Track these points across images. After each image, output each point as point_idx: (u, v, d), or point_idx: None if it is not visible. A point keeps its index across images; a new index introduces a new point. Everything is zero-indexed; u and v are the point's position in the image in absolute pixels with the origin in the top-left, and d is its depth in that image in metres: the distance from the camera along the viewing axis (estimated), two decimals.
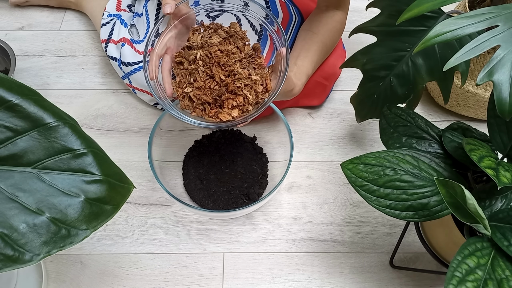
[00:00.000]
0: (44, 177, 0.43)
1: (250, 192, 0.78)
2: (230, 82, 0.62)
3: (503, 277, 0.47)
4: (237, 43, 0.66)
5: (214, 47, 0.64)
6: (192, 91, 0.63)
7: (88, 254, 0.74)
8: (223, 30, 0.67)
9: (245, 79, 0.62)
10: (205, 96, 0.62)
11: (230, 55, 0.64)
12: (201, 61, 0.63)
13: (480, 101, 0.86)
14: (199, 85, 0.62)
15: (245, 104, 0.63)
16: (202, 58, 0.63)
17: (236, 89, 0.62)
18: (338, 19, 0.82)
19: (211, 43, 0.65)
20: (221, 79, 0.62)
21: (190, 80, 0.64)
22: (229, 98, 0.62)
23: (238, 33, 0.67)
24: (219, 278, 0.73)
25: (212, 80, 0.63)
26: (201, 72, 0.63)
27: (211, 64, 0.63)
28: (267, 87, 0.65)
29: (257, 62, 0.66)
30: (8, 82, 0.44)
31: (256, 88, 0.64)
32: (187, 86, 0.64)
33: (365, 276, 0.73)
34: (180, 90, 0.64)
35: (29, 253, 0.41)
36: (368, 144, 0.89)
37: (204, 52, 0.63)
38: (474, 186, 0.60)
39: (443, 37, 0.49)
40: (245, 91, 0.62)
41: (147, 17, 0.92)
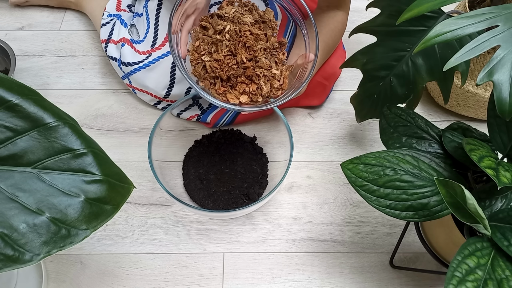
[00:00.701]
0: (44, 177, 0.43)
1: (250, 192, 0.78)
2: (250, 67, 0.60)
3: (503, 277, 0.47)
4: (266, 31, 0.64)
5: (245, 26, 0.61)
6: (209, 61, 0.60)
7: (88, 254, 0.74)
8: (258, 13, 0.64)
9: (265, 70, 0.61)
10: (221, 71, 0.60)
11: (258, 40, 0.62)
12: (228, 34, 0.60)
13: (480, 101, 0.86)
14: (219, 58, 0.60)
15: (256, 94, 0.61)
16: (230, 32, 0.61)
17: (254, 75, 0.60)
18: (339, 19, 0.82)
19: (243, 21, 0.62)
20: (242, 61, 0.60)
21: (210, 49, 0.61)
22: (243, 82, 0.60)
23: (270, 22, 0.65)
24: (219, 278, 0.73)
25: (233, 58, 0.60)
26: (225, 46, 0.60)
27: (237, 42, 0.60)
28: (283, 85, 0.64)
29: (279, 57, 0.65)
30: (8, 82, 0.44)
31: (272, 82, 0.62)
32: (205, 54, 0.61)
33: (365, 276, 0.73)
34: (196, 55, 0.62)
35: (29, 253, 0.41)
36: (368, 144, 0.89)
37: (234, 27, 0.61)
38: (474, 186, 0.60)
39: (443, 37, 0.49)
40: (262, 81, 0.60)
41: (147, 17, 0.92)
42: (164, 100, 0.89)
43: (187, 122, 0.89)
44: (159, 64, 0.85)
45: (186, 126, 0.89)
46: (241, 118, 0.87)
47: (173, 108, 0.79)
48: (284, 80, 0.63)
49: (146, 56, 0.87)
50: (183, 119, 0.89)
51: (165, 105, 0.90)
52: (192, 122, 0.89)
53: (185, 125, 0.89)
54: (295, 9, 0.66)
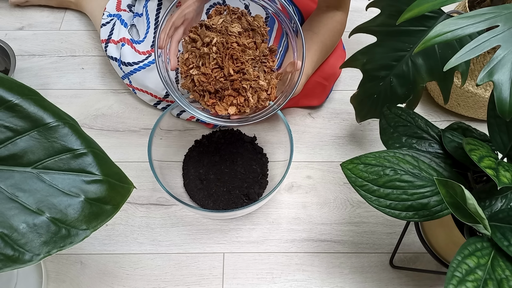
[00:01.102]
0: (44, 177, 0.43)
1: (250, 192, 0.78)
2: (237, 79, 0.60)
3: (503, 277, 0.47)
4: (256, 38, 0.64)
5: (232, 37, 0.62)
6: (197, 75, 0.61)
7: (88, 254, 0.74)
8: (246, 21, 0.65)
9: (252, 81, 0.61)
10: (208, 85, 0.61)
11: (245, 51, 0.62)
12: (215, 47, 0.61)
13: (480, 101, 0.86)
14: (206, 72, 0.61)
15: (244, 106, 0.62)
16: (217, 44, 0.61)
17: (240, 88, 0.61)
18: (339, 20, 0.82)
19: (231, 31, 0.62)
20: (229, 73, 0.60)
21: (198, 62, 0.62)
22: (230, 95, 0.61)
23: (260, 28, 0.65)
24: (219, 278, 0.73)
25: (220, 71, 0.61)
26: (212, 59, 0.61)
27: (224, 54, 0.61)
28: (271, 95, 0.64)
29: (268, 64, 0.65)
30: (8, 82, 0.44)
31: (259, 94, 0.63)
32: (193, 68, 0.62)
33: (365, 276, 0.73)
34: (185, 68, 0.63)
35: (29, 253, 0.41)
36: (368, 144, 0.89)
37: (221, 39, 0.61)
38: (474, 186, 0.60)
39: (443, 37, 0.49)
40: (249, 93, 0.61)
41: (147, 17, 0.92)
42: (164, 100, 0.89)
43: (187, 122, 0.89)
44: None
45: (186, 126, 0.89)
46: None
47: (173, 108, 0.79)
48: (272, 90, 0.64)
49: (146, 56, 0.87)
50: (183, 119, 0.89)
51: (165, 105, 0.90)
52: (192, 122, 0.89)
53: (185, 125, 0.89)
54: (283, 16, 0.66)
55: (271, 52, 0.66)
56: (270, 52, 0.66)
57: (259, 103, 0.63)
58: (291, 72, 0.66)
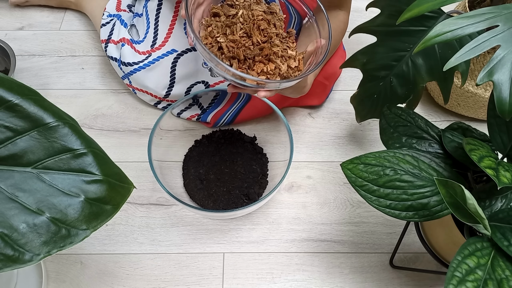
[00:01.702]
0: (44, 177, 0.43)
1: (250, 192, 0.78)
2: (266, 47, 0.60)
3: (503, 277, 0.47)
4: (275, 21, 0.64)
5: (257, 11, 0.61)
6: (225, 42, 0.60)
7: (88, 254, 0.74)
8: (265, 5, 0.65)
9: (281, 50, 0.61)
10: (238, 50, 0.59)
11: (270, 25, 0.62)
12: (242, 18, 0.61)
13: (480, 101, 0.86)
14: (235, 38, 0.60)
15: (274, 74, 0.60)
16: (243, 15, 0.61)
17: (271, 54, 0.60)
18: (341, 19, 0.82)
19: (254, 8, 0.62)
20: (257, 42, 0.60)
21: (225, 31, 0.61)
22: (261, 62, 0.60)
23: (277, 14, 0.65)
24: (219, 278, 0.73)
25: (248, 39, 0.60)
26: (239, 28, 0.60)
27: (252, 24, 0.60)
28: (299, 66, 0.63)
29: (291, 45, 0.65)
30: (8, 82, 0.44)
31: (289, 62, 0.61)
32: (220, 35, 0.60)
33: (365, 276, 0.73)
34: (210, 39, 0.61)
35: (29, 253, 0.41)
36: (368, 144, 0.89)
37: (246, 12, 0.61)
38: (474, 186, 0.60)
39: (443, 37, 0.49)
40: (279, 61, 0.60)
41: (147, 17, 0.92)
42: (164, 100, 0.89)
43: (187, 122, 0.89)
44: (159, 64, 0.85)
45: (186, 126, 0.89)
46: (241, 118, 0.87)
47: (173, 108, 0.79)
48: (299, 62, 0.63)
49: (146, 56, 0.87)
50: (183, 119, 0.89)
51: (165, 105, 0.90)
52: (192, 122, 0.89)
53: (185, 125, 0.89)
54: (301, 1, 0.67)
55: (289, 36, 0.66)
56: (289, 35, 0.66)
57: (289, 72, 0.62)
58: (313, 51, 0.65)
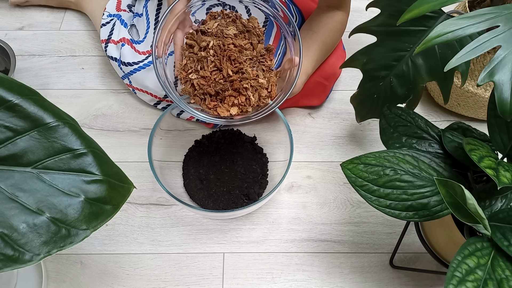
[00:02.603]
0: (44, 177, 0.43)
1: (250, 192, 0.78)
2: (236, 80, 0.61)
3: (503, 277, 0.47)
4: (252, 39, 0.65)
5: (228, 39, 0.62)
6: (196, 79, 0.62)
7: (88, 254, 0.74)
8: (241, 23, 0.65)
9: (251, 80, 0.61)
10: (208, 88, 0.61)
11: (242, 51, 0.63)
12: (212, 50, 0.62)
13: (480, 101, 0.86)
14: (205, 75, 0.61)
15: (246, 105, 0.62)
16: (214, 47, 0.62)
17: (241, 88, 0.61)
18: (339, 19, 0.82)
19: (226, 33, 0.63)
20: (228, 74, 0.61)
21: (197, 67, 0.62)
22: (231, 95, 0.62)
23: (255, 29, 0.65)
24: (219, 278, 0.73)
25: (219, 73, 0.62)
26: (210, 62, 0.62)
27: (222, 56, 0.62)
28: (271, 93, 0.64)
29: (266, 63, 0.65)
30: (8, 82, 0.44)
31: (260, 92, 0.63)
32: (192, 72, 0.62)
33: (365, 276, 0.73)
34: (184, 74, 0.63)
35: (29, 253, 0.41)
36: (368, 144, 0.89)
37: (217, 42, 0.62)
38: (474, 186, 0.60)
39: (444, 37, 0.49)
40: (249, 92, 0.61)
41: (147, 17, 0.92)
42: (164, 100, 0.89)
43: (187, 122, 0.89)
44: None
45: (186, 126, 0.89)
46: None
47: (173, 108, 0.79)
48: (272, 88, 0.64)
49: (146, 56, 0.87)
50: (183, 119, 0.89)
51: (165, 105, 0.90)
52: (192, 122, 0.89)
53: (185, 125, 0.89)
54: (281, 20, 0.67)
55: (269, 52, 0.67)
56: (268, 52, 0.67)
57: (261, 101, 0.64)
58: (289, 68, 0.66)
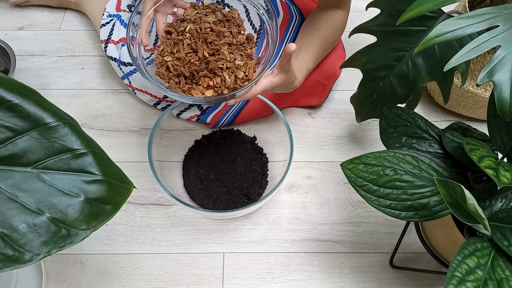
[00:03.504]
0: (44, 177, 0.43)
1: (250, 192, 0.78)
2: (212, 61, 0.60)
3: (503, 277, 0.47)
4: (231, 29, 0.64)
5: (205, 24, 0.62)
6: (171, 61, 0.61)
7: (88, 254, 0.74)
8: (221, 13, 0.65)
9: (227, 62, 0.61)
10: (182, 68, 0.61)
11: (220, 36, 0.62)
12: (188, 33, 0.62)
13: (480, 101, 0.86)
14: (180, 56, 0.61)
15: (221, 87, 0.61)
16: (191, 31, 0.62)
17: (216, 68, 0.60)
18: (339, 18, 0.82)
19: (204, 20, 0.63)
20: (204, 56, 0.60)
21: (172, 49, 0.62)
22: (206, 76, 0.61)
23: (235, 20, 0.65)
24: (219, 278, 0.73)
25: (194, 54, 0.61)
26: (186, 45, 0.61)
27: (198, 38, 0.61)
28: (248, 76, 0.63)
29: (246, 51, 0.65)
30: (8, 82, 0.44)
31: (236, 73, 0.62)
32: (168, 55, 0.62)
33: (365, 276, 0.73)
34: (160, 58, 0.63)
35: (29, 253, 0.41)
36: (368, 144, 0.89)
37: (194, 26, 0.62)
38: (474, 186, 0.60)
39: (443, 37, 0.49)
40: (225, 74, 0.60)
41: None
42: (164, 100, 0.89)
43: (187, 122, 0.89)
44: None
45: (186, 126, 0.89)
46: (241, 118, 0.87)
47: (173, 108, 0.79)
48: (249, 71, 0.63)
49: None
50: (183, 119, 0.89)
51: (165, 105, 0.90)
52: (192, 122, 0.89)
53: (185, 125, 0.89)
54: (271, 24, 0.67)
55: (249, 40, 0.66)
56: (248, 40, 0.66)
57: (237, 83, 0.62)
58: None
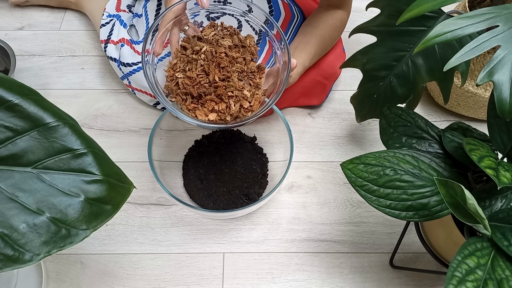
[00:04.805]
0: (44, 177, 0.43)
1: (250, 192, 0.78)
2: (221, 86, 0.62)
3: (503, 277, 0.47)
4: (245, 55, 0.66)
5: (221, 48, 0.63)
6: (182, 78, 0.63)
7: (88, 254, 0.74)
8: (238, 38, 0.67)
9: (236, 90, 0.62)
10: (191, 88, 0.62)
11: (233, 63, 0.64)
12: (204, 55, 0.63)
13: (480, 101, 0.86)
14: (191, 76, 0.62)
15: (225, 113, 0.62)
16: (206, 53, 0.63)
17: (224, 94, 0.62)
18: (339, 17, 0.83)
19: (221, 43, 0.64)
20: (214, 80, 0.62)
21: (185, 67, 0.63)
22: (212, 100, 0.62)
23: (250, 47, 0.67)
24: (219, 278, 0.73)
25: (206, 77, 0.62)
26: (199, 66, 0.62)
27: (211, 62, 0.62)
28: (253, 107, 0.65)
29: (255, 80, 0.66)
30: (8, 82, 0.44)
31: (242, 103, 0.63)
32: (180, 71, 0.63)
33: (365, 276, 0.73)
34: (172, 72, 0.64)
35: (29, 253, 0.41)
36: (368, 144, 0.89)
37: (210, 48, 0.63)
38: (474, 186, 0.60)
39: (443, 37, 0.49)
40: (231, 101, 0.62)
41: (147, 18, 0.92)
42: None
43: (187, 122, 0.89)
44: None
45: (186, 126, 0.89)
46: None
47: None
48: (254, 102, 0.64)
49: None
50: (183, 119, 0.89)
51: None
52: None
53: (185, 125, 0.89)
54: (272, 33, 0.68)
55: (259, 70, 0.67)
56: (258, 70, 0.67)
57: (241, 112, 0.64)
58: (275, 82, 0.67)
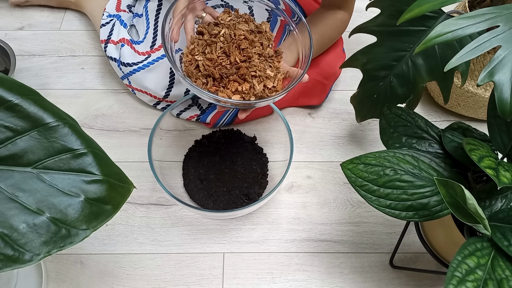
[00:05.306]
0: (44, 177, 0.43)
1: (250, 192, 0.78)
2: (243, 67, 0.60)
3: (503, 277, 0.47)
4: (262, 40, 0.65)
5: (240, 31, 0.62)
6: (202, 60, 0.61)
7: (88, 254, 0.74)
8: (254, 24, 0.66)
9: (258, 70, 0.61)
10: (213, 69, 0.60)
11: (252, 45, 0.63)
12: (222, 37, 0.62)
13: (480, 101, 0.86)
14: (212, 57, 0.61)
15: (249, 93, 0.61)
16: (225, 35, 0.62)
17: (247, 74, 0.60)
18: (340, 18, 0.83)
19: (239, 27, 0.63)
20: (235, 61, 0.60)
21: (204, 49, 0.62)
22: (236, 81, 0.61)
23: (266, 33, 0.66)
24: (219, 278, 0.73)
25: (226, 58, 0.61)
26: (219, 47, 0.61)
27: (231, 43, 0.61)
28: (277, 87, 0.64)
29: (275, 64, 0.65)
30: (8, 82, 0.44)
31: (266, 83, 0.62)
32: (199, 54, 0.62)
33: (365, 276, 0.73)
34: (190, 57, 0.63)
35: (29, 253, 0.41)
36: (368, 144, 0.89)
37: (229, 31, 0.62)
38: (474, 186, 0.60)
39: (444, 37, 0.49)
40: (255, 81, 0.61)
41: (147, 18, 0.92)
42: (164, 100, 0.89)
43: (187, 122, 0.89)
44: (159, 65, 0.85)
45: (186, 126, 0.89)
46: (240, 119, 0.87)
47: (173, 108, 0.79)
48: (278, 83, 0.64)
49: (146, 57, 0.87)
50: (183, 119, 0.89)
51: (164, 105, 0.90)
52: (192, 122, 0.89)
53: (185, 125, 0.89)
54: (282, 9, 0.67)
55: (277, 55, 0.67)
56: (276, 55, 0.66)
57: (265, 92, 0.62)
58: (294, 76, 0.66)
